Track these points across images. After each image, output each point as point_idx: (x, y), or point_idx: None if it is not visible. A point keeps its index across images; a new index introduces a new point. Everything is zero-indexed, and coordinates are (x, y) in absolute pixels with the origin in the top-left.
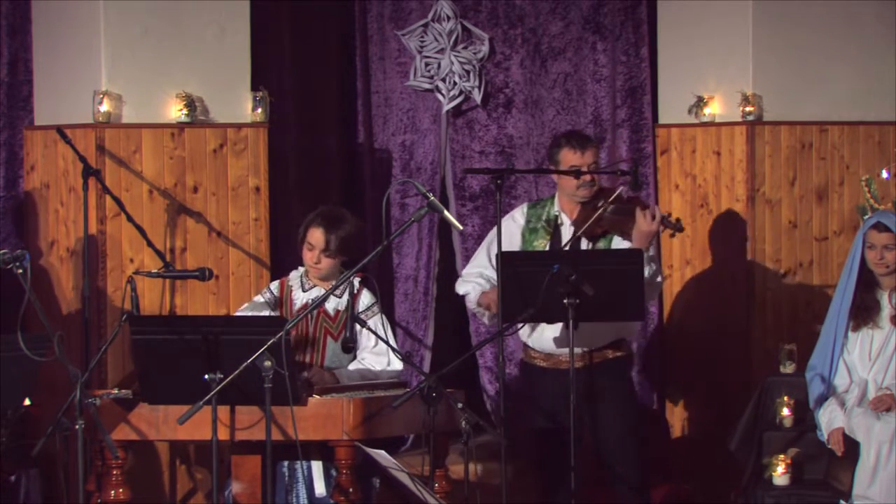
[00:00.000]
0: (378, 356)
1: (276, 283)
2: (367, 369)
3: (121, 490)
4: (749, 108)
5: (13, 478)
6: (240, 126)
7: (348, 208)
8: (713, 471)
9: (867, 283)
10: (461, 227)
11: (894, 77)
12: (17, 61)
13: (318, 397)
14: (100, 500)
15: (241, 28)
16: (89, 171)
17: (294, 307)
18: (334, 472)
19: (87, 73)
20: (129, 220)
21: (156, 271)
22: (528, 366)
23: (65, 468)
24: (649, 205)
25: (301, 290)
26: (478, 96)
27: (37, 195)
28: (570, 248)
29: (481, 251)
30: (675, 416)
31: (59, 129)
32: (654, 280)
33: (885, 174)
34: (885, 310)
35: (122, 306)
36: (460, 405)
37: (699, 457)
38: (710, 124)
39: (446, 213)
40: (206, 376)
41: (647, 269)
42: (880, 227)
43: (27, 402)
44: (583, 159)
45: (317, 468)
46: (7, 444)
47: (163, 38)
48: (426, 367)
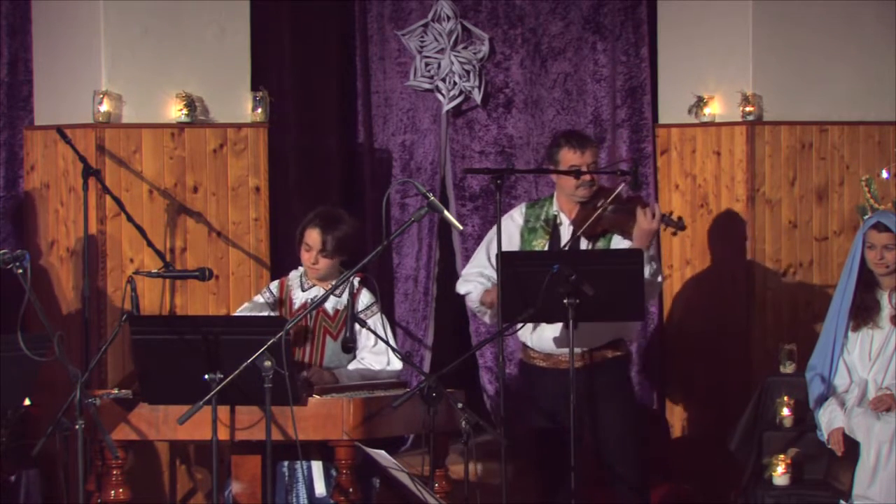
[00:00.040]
0: (377, 356)
1: (275, 284)
2: (366, 369)
3: (121, 490)
4: (749, 108)
5: (13, 478)
6: (240, 126)
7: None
8: (713, 471)
9: (867, 283)
10: (461, 227)
11: (894, 77)
12: (17, 61)
13: (318, 397)
14: (100, 500)
15: (241, 28)
16: (89, 171)
17: (294, 307)
18: (334, 472)
19: (87, 73)
20: (129, 220)
21: (156, 271)
22: (528, 366)
23: (65, 468)
24: (649, 203)
25: (300, 290)
26: (478, 96)
27: (37, 195)
28: (570, 247)
29: (481, 251)
30: (675, 416)
31: (59, 129)
32: (655, 280)
33: (885, 174)
34: (885, 310)
35: (122, 306)
36: (460, 405)
37: (699, 457)
38: (710, 124)
39: (446, 213)
40: (206, 376)
41: (648, 268)
42: (880, 227)
43: (27, 402)
44: (582, 159)
45: (317, 468)
46: (7, 444)
47: (163, 38)
48: (426, 367)
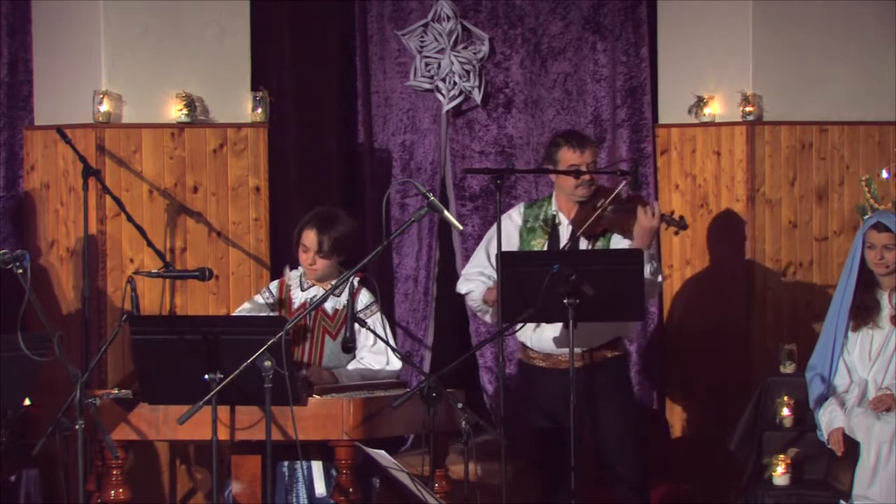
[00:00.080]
0: (377, 355)
1: (275, 284)
2: (366, 368)
3: (121, 490)
4: (749, 108)
5: (13, 478)
6: (240, 126)
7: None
8: (713, 471)
9: (867, 283)
10: (461, 227)
11: (894, 77)
12: (17, 61)
13: (318, 397)
14: (100, 500)
15: (241, 28)
16: (89, 171)
17: (293, 307)
18: (334, 472)
19: (87, 73)
20: (129, 220)
21: (156, 271)
22: (527, 366)
23: (65, 468)
24: (650, 202)
25: (300, 290)
26: (478, 96)
27: (37, 195)
28: (570, 247)
29: (480, 250)
30: (675, 416)
31: (59, 129)
32: (655, 279)
33: (885, 174)
34: (885, 310)
35: (122, 306)
36: (460, 405)
37: (699, 457)
38: (710, 124)
39: (446, 213)
40: (206, 376)
41: (649, 266)
42: (880, 227)
43: (27, 402)
44: (582, 158)
45: (317, 468)
46: (7, 444)
47: (163, 38)
48: (426, 367)
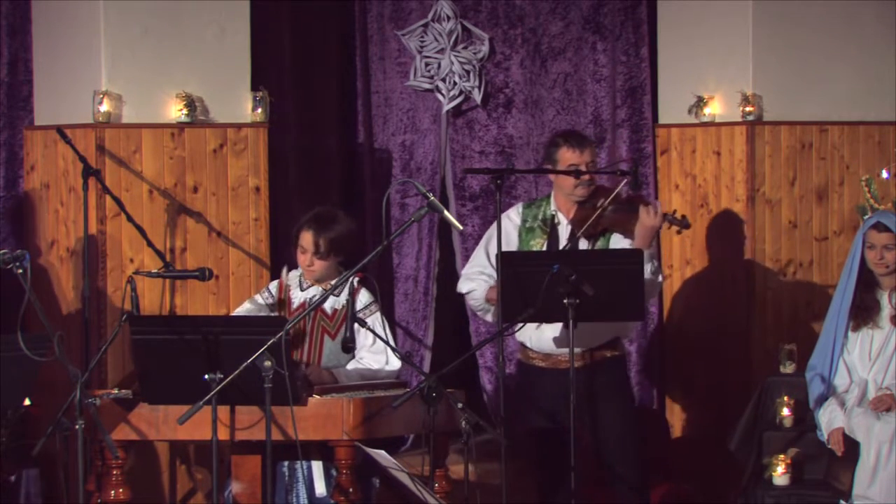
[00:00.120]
0: (376, 355)
1: (274, 284)
2: (365, 368)
3: (121, 490)
4: (749, 108)
5: (13, 478)
6: (240, 126)
7: (348, 208)
8: (713, 471)
9: (867, 283)
10: (461, 227)
11: (894, 77)
12: (17, 61)
13: (318, 397)
14: (100, 500)
15: (241, 28)
16: (89, 171)
17: (292, 307)
18: (334, 472)
19: (87, 73)
20: (129, 220)
21: (156, 271)
22: (526, 366)
23: (65, 468)
24: (650, 201)
25: (299, 290)
26: (478, 96)
27: (37, 195)
28: (570, 247)
29: (479, 250)
30: (675, 416)
31: (59, 129)
32: (655, 279)
33: (885, 174)
34: (885, 310)
35: (122, 306)
36: (460, 405)
37: (699, 457)
38: (710, 124)
39: (446, 213)
40: (206, 376)
41: (649, 266)
42: (880, 227)
43: (27, 402)
44: (581, 158)
45: (317, 468)
46: (7, 444)
47: (163, 38)
48: (426, 367)
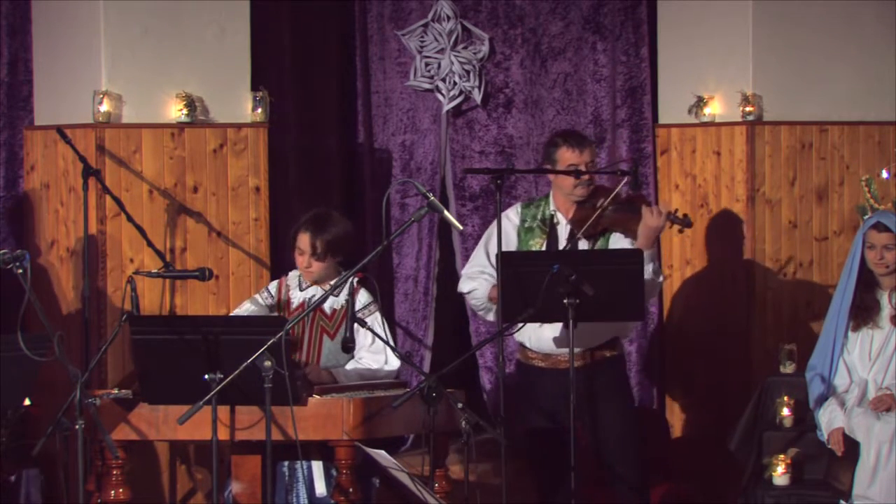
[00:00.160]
0: (375, 354)
1: (274, 284)
2: (364, 368)
3: (121, 490)
4: (749, 108)
5: (13, 478)
6: (240, 126)
7: (348, 208)
8: (713, 471)
9: (867, 283)
10: (461, 227)
11: (894, 77)
12: (17, 61)
13: (318, 397)
14: (100, 500)
15: (241, 28)
16: (89, 171)
17: (292, 307)
18: (334, 472)
19: (87, 73)
20: (129, 220)
21: (156, 271)
22: (526, 366)
23: (65, 468)
24: (651, 201)
25: (298, 290)
26: (478, 96)
27: (37, 195)
28: (570, 247)
29: (479, 250)
30: (675, 416)
31: (59, 129)
32: (656, 279)
33: (885, 174)
34: (885, 310)
35: (122, 306)
36: (460, 405)
37: (699, 457)
38: (710, 124)
39: (446, 213)
40: (206, 376)
41: (651, 266)
42: (880, 227)
43: (27, 402)
44: (581, 158)
45: (317, 468)
46: (7, 444)
47: (163, 38)
48: (426, 367)
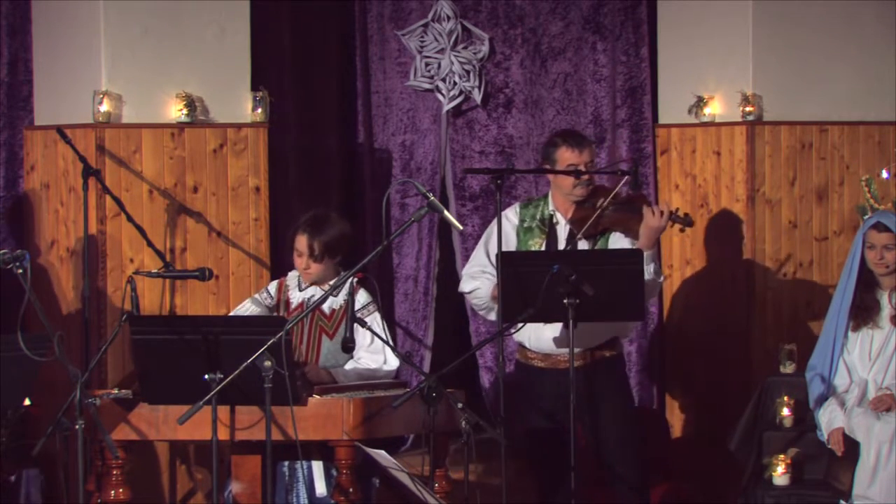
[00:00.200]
0: (374, 354)
1: (273, 284)
2: (364, 368)
3: (121, 490)
4: (749, 108)
5: (13, 478)
6: (240, 126)
7: (348, 208)
8: (713, 471)
9: (867, 283)
10: (461, 227)
11: (894, 77)
12: (17, 61)
13: (318, 397)
14: (100, 500)
15: (241, 28)
16: (89, 171)
17: (291, 307)
18: (334, 472)
19: (87, 73)
20: (129, 220)
21: (156, 271)
22: (525, 366)
23: (65, 468)
24: (651, 201)
25: (297, 290)
26: (478, 96)
27: (37, 195)
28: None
29: (479, 250)
30: (675, 416)
31: (59, 129)
32: (656, 279)
33: (885, 174)
34: (885, 310)
35: (122, 306)
36: (460, 405)
37: (699, 457)
38: (710, 124)
39: (446, 213)
40: (206, 376)
41: (653, 265)
42: (880, 227)
43: (27, 402)
44: (580, 158)
45: (317, 468)
46: (7, 444)
47: (163, 38)
48: (426, 367)
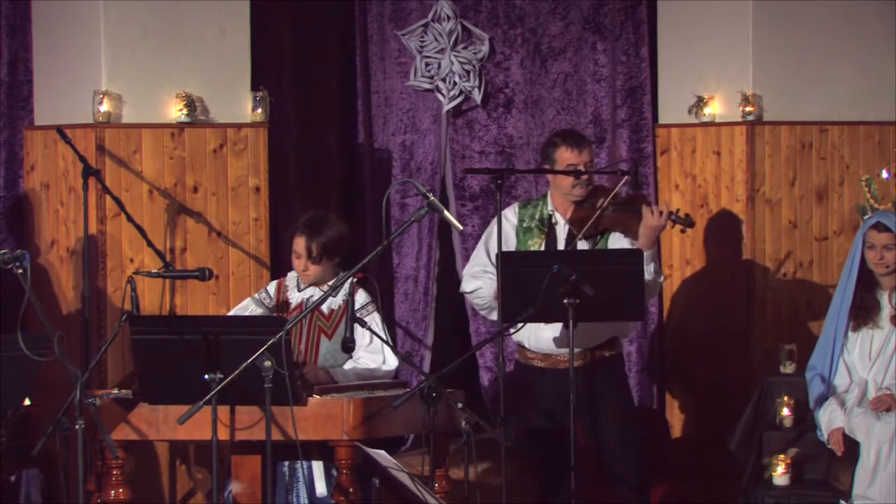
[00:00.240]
0: (373, 354)
1: (273, 285)
2: (363, 368)
3: (121, 490)
4: (749, 108)
5: (13, 478)
6: (240, 126)
7: (348, 208)
8: (713, 471)
9: (867, 283)
10: (461, 227)
11: (894, 77)
12: (17, 61)
13: (318, 397)
14: (100, 500)
15: (241, 28)
16: (89, 171)
17: (290, 307)
18: (334, 472)
19: (87, 73)
20: (129, 220)
21: (156, 271)
22: (525, 367)
23: (65, 468)
24: (650, 201)
25: (297, 291)
26: (478, 96)
27: (37, 195)
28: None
29: (479, 249)
30: (675, 416)
31: (59, 129)
32: (656, 279)
33: (885, 174)
34: (885, 310)
35: (122, 306)
36: (460, 405)
37: (699, 457)
38: (710, 124)
39: (446, 213)
40: (206, 376)
41: (653, 265)
42: (880, 227)
43: (27, 402)
44: (580, 158)
45: (317, 468)
46: (7, 444)
47: (163, 38)
48: (426, 367)
